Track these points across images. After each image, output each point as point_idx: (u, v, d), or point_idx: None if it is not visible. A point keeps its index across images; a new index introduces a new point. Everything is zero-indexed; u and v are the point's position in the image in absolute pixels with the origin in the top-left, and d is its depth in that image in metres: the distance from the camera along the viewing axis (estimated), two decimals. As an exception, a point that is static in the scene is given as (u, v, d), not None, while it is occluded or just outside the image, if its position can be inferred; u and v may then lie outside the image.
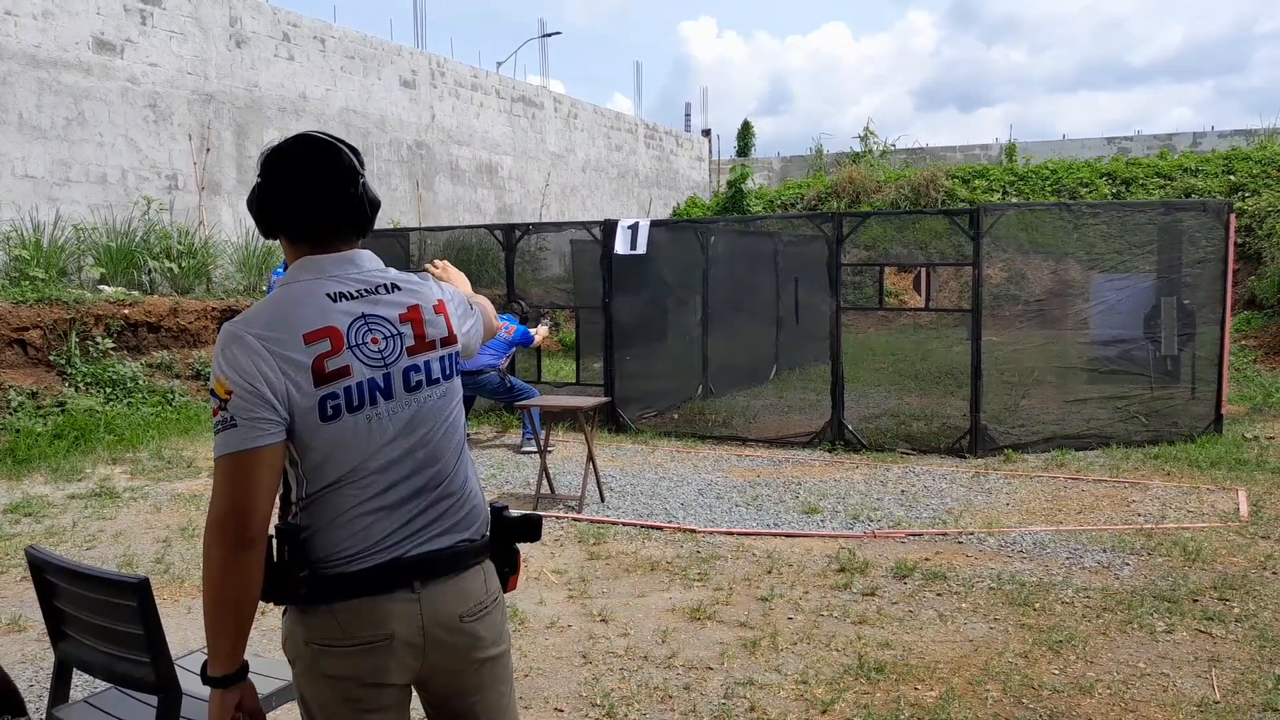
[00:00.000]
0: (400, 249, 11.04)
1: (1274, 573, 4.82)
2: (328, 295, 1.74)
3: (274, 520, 1.74)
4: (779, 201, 24.35)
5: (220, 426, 1.65)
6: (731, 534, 5.78)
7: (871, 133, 25.81)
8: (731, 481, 7.19)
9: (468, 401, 8.59)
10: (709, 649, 4.08)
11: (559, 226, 11.52)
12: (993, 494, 6.62)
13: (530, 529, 1.99)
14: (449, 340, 1.87)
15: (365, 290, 1.78)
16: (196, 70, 13.20)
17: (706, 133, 32.22)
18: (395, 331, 1.78)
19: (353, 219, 1.81)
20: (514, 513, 1.99)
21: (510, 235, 9.92)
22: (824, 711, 3.50)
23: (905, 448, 8.07)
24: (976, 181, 21.90)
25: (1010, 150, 25.14)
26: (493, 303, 2.39)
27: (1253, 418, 8.92)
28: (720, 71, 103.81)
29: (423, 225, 15.90)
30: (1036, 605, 4.48)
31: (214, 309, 10.89)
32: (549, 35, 26.27)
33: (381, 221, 16.07)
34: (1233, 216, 8.28)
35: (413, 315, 1.82)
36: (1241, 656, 3.88)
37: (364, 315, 1.75)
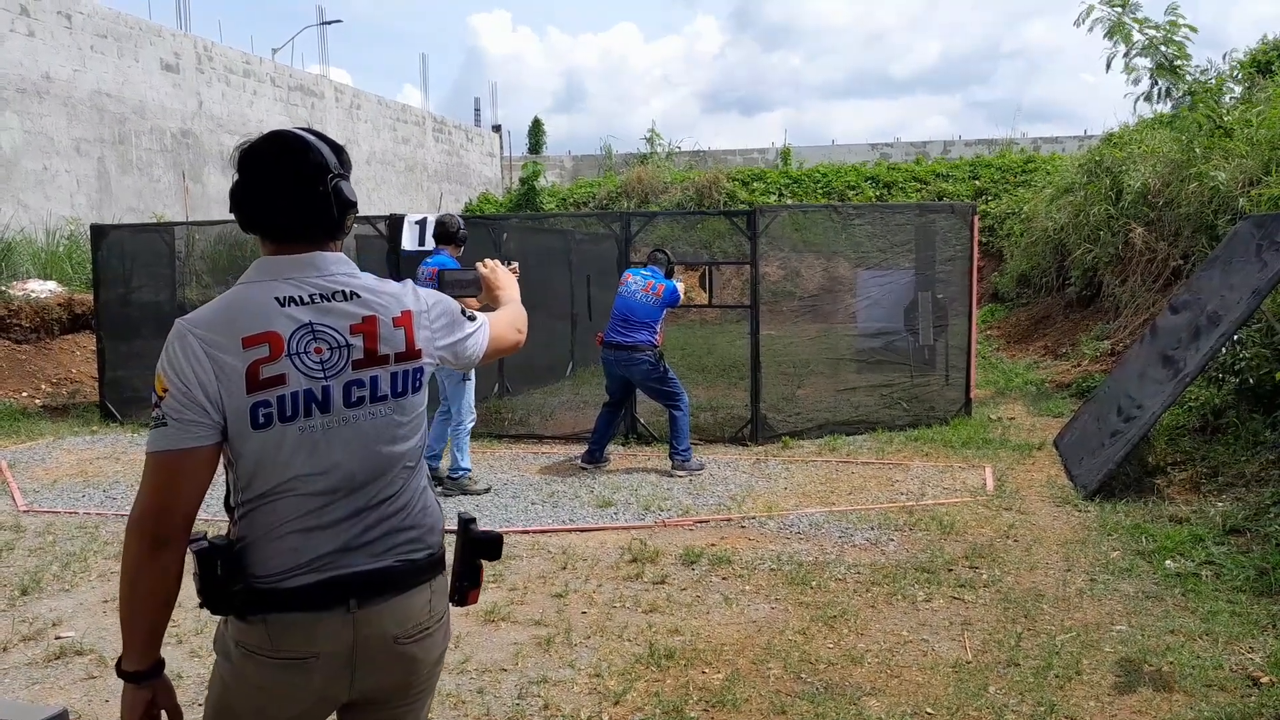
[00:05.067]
0: (164, 245, 10.24)
1: (1015, 540, 5.36)
2: (276, 299, 1.68)
3: (212, 529, 1.69)
4: (571, 200, 24.57)
5: (153, 424, 1.64)
6: (527, 533, 5.77)
7: (657, 135, 26.53)
8: (528, 480, 7.18)
9: (627, 391, 7.67)
10: (503, 651, 4.06)
11: (341, 222, 11.02)
12: (772, 479, 6.97)
13: (492, 548, 1.91)
14: (406, 355, 1.77)
15: (319, 296, 1.71)
16: (-88, 42, 11.70)
17: (497, 128, 31.98)
18: (343, 342, 1.71)
19: (317, 219, 1.73)
20: (481, 529, 1.92)
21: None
22: (616, 702, 3.57)
23: (693, 438, 8.33)
24: (755, 184, 22.99)
25: (785, 154, 26.56)
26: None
27: (996, 400, 9.87)
28: (514, 67, 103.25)
29: (190, 219, 14.83)
30: (813, 583, 4.76)
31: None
32: (328, 23, 25.17)
33: (143, 215, 14.87)
34: (976, 218, 9.13)
35: (366, 327, 1.73)
36: (989, 618, 4.29)
37: (311, 323, 1.68)
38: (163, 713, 1.73)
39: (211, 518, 2.51)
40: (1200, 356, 6.01)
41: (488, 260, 2.31)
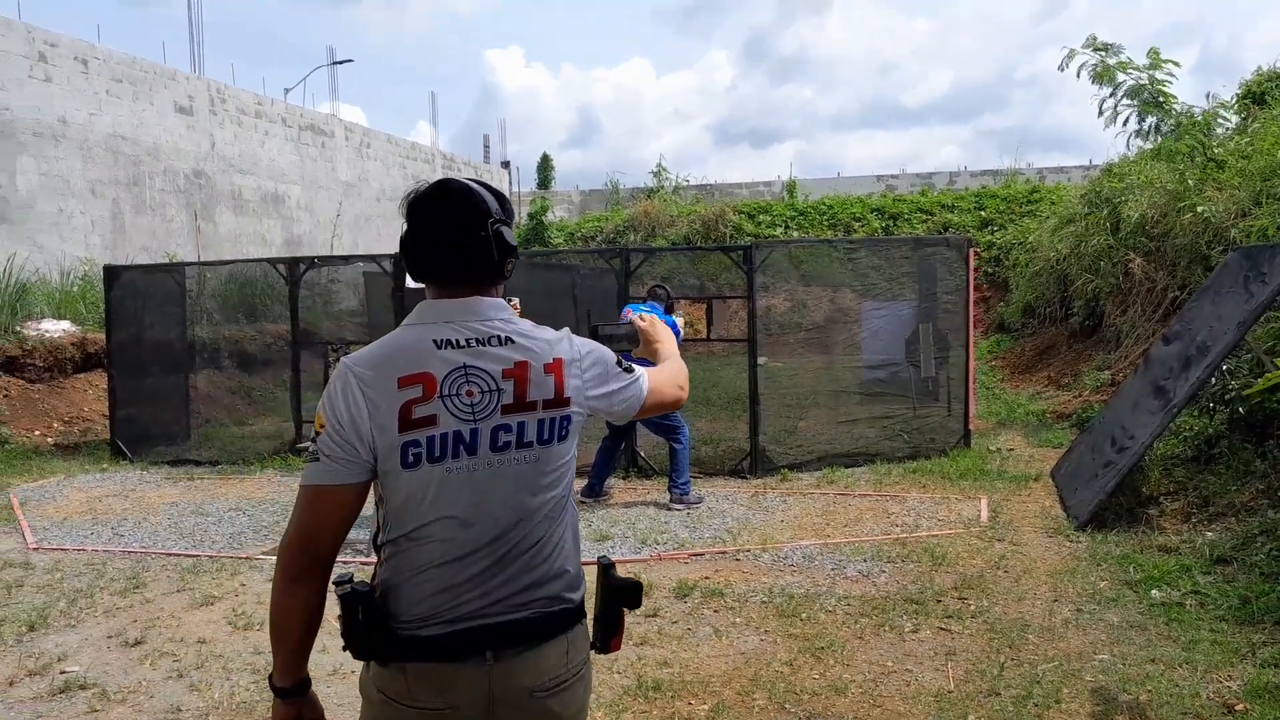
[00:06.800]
0: (175, 284, 10.44)
1: (1005, 571, 5.41)
2: (434, 341, 1.72)
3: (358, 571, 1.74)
4: (579, 234, 24.80)
5: (309, 457, 1.71)
6: (523, 566, 5.84)
7: (664, 169, 26.80)
8: (526, 513, 7.25)
9: (626, 425, 7.57)
10: (494, 682, 4.12)
11: (346, 259, 11.27)
12: (770, 512, 7.04)
13: (631, 596, 1.90)
14: (555, 403, 1.77)
15: (475, 340, 1.74)
16: (-67, 90, 12.04)
17: (506, 164, 32.38)
18: (494, 387, 1.73)
19: (478, 263, 1.78)
20: (621, 575, 1.92)
21: (294, 269, 9.62)
22: (603, 733, 3.64)
23: (693, 471, 8.41)
24: (761, 216, 23.16)
25: (791, 187, 26.76)
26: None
27: (997, 431, 9.91)
28: (528, 102, 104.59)
29: (202, 258, 15.09)
30: (803, 615, 4.83)
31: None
32: (339, 63, 25.65)
33: (156, 255, 15.14)
34: (972, 251, 9.23)
35: (517, 373, 1.74)
36: (974, 649, 4.34)
37: (465, 366, 1.72)
38: None
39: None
40: (1188, 387, 6.07)
41: (645, 314, 2.30)
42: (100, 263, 12.34)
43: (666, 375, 2.11)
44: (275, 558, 1.74)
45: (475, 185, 1.82)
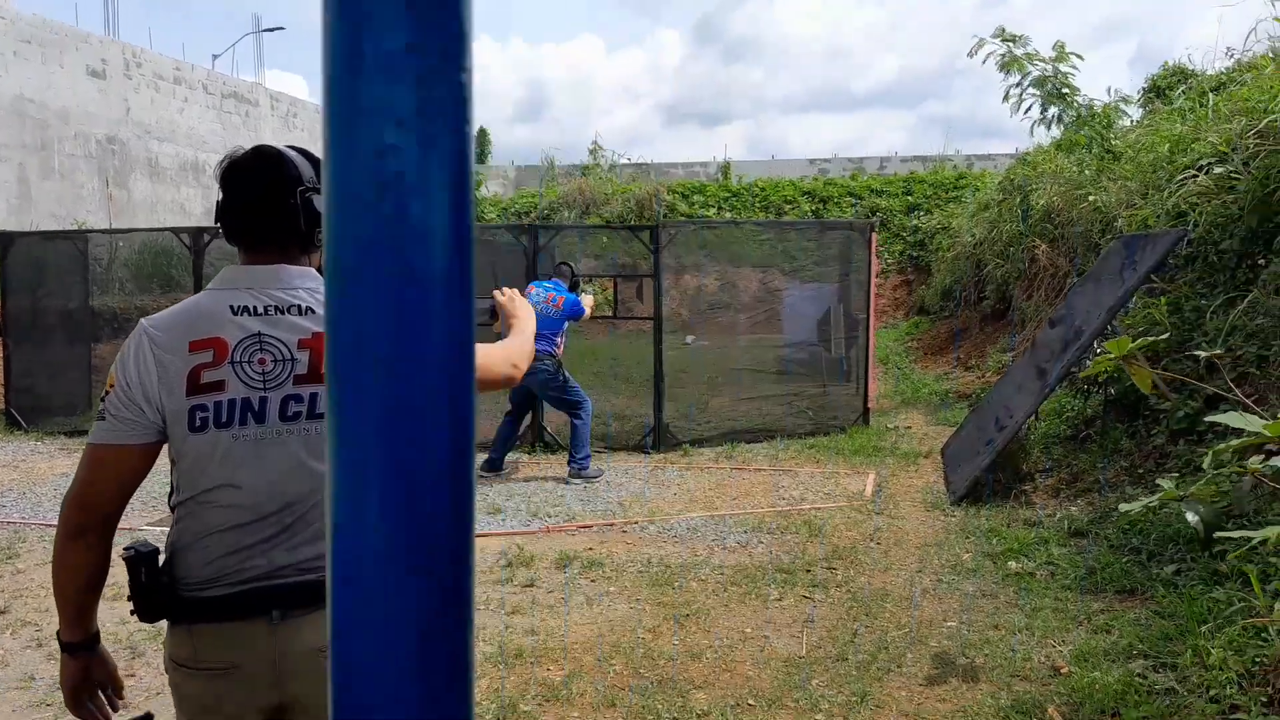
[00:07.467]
0: (77, 252, 10.16)
1: (877, 543, 5.59)
2: (230, 306, 1.72)
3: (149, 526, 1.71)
4: (513, 209, 24.63)
5: (98, 416, 1.72)
6: (411, 538, 5.86)
7: (600, 147, 26.70)
8: (426, 487, 7.26)
9: (529, 399, 7.94)
10: (357, 649, 4.16)
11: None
12: (665, 486, 7.15)
13: None
14: None
15: (273, 308, 1.74)
16: None
17: (441, 139, 31.99)
18: (288, 356, 1.73)
19: (285, 229, 1.77)
20: None
21: (198, 239, 9.44)
22: (456, 697, 3.70)
23: (599, 446, 8.49)
24: (695, 197, 23.24)
25: (725, 168, 26.90)
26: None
27: (900, 409, 10.16)
28: (476, 74, 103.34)
29: (115, 226, 14.69)
30: (676, 584, 4.94)
31: None
32: (268, 30, 25.04)
33: (65, 222, 14.70)
34: (874, 235, 9.43)
35: (314, 343, 1.75)
36: (832, 617, 4.49)
37: (259, 334, 1.72)
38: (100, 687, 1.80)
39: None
40: (1059, 368, 6.30)
41: (506, 289, 2.28)
42: (4, 228, 11.95)
43: (500, 353, 2.04)
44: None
45: (291, 152, 1.82)
